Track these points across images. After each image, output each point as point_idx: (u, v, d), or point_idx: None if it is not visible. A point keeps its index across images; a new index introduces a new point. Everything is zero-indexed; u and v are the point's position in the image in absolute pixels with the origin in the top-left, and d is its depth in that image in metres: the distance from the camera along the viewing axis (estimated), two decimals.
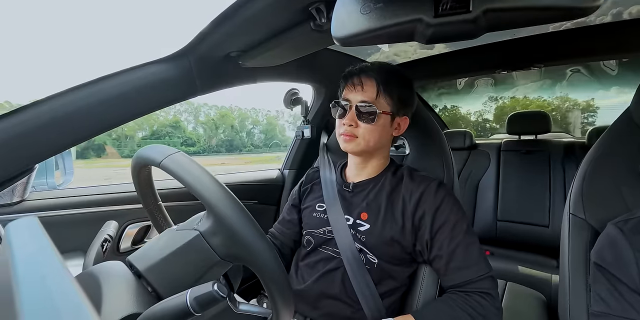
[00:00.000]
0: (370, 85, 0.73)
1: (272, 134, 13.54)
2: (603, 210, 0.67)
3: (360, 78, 0.73)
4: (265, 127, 13.91)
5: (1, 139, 0.60)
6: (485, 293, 0.65)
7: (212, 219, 0.48)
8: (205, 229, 0.49)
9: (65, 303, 0.16)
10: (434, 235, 0.69)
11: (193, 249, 0.48)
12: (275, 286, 0.46)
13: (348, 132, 0.73)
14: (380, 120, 0.73)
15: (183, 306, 0.38)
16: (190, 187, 0.45)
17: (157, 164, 0.48)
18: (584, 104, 3.55)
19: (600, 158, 0.71)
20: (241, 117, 14.00)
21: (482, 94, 3.10)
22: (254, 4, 0.61)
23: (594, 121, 3.58)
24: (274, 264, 0.45)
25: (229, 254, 0.48)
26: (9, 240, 0.23)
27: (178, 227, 0.53)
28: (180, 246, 0.48)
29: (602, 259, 0.61)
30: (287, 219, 0.91)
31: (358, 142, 0.74)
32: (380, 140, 0.75)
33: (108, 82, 0.69)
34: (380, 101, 0.72)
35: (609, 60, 1.92)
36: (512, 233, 1.75)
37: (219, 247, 0.48)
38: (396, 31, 0.45)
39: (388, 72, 0.74)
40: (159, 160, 0.48)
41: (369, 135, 0.73)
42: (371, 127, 0.72)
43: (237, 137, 13.15)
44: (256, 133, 13.68)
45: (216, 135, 12.56)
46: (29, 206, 0.84)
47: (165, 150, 0.49)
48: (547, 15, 0.39)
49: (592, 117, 3.57)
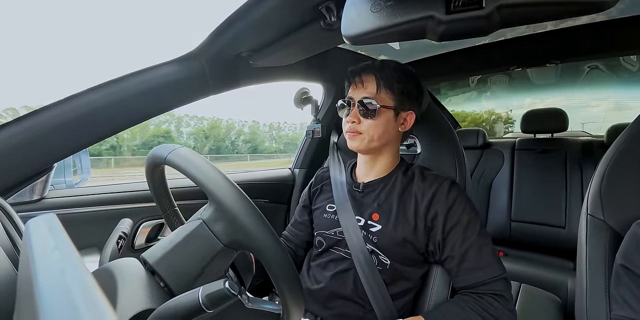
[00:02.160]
0: (370, 82, 0.73)
1: (256, 143, 14.08)
2: (623, 211, 0.65)
3: (361, 76, 0.74)
4: (249, 137, 14.47)
5: (22, 139, 0.63)
6: (498, 295, 0.64)
7: (214, 206, 0.49)
8: (208, 217, 0.49)
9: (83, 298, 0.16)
10: (446, 236, 0.68)
11: (197, 238, 0.49)
12: (281, 273, 0.45)
13: (352, 129, 0.74)
14: (383, 114, 0.72)
15: (195, 303, 0.38)
16: (192, 177, 0.45)
17: (163, 159, 0.49)
18: (504, 115, 4.21)
19: (620, 156, 0.69)
20: (227, 127, 14.60)
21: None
22: (265, 3, 0.61)
23: (513, 130, 4.25)
24: (277, 249, 0.44)
25: (231, 241, 0.48)
26: (29, 236, 0.24)
27: (187, 222, 0.54)
28: (185, 236, 0.49)
29: (629, 260, 0.58)
30: (299, 220, 0.92)
31: (362, 138, 0.74)
32: (385, 136, 0.75)
33: (123, 83, 0.71)
34: (381, 96, 0.72)
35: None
36: (526, 234, 1.71)
37: (222, 234, 0.48)
38: (407, 29, 0.44)
39: (389, 67, 0.74)
40: (164, 156, 0.49)
41: (373, 131, 0.73)
42: (374, 122, 0.72)
43: (223, 145, 13.62)
44: (240, 143, 14.28)
45: (207, 144, 13.04)
46: (48, 204, 0.87)
47: (170, 146, 0.50)
48: (563, 9, 0.38)
49: (510, 126, 4.39)
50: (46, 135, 0.64)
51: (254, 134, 15.00)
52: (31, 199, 0.83)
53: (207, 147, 14.27)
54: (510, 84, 2.34)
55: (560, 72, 2.00)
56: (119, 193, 1.00)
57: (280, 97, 3.49)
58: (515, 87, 2.45)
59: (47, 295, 0.16)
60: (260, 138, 14.85)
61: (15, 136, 0.62)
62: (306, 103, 1.33)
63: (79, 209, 0.92)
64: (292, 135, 28.73)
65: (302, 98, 1.33)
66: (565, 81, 2.24)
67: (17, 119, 0.63)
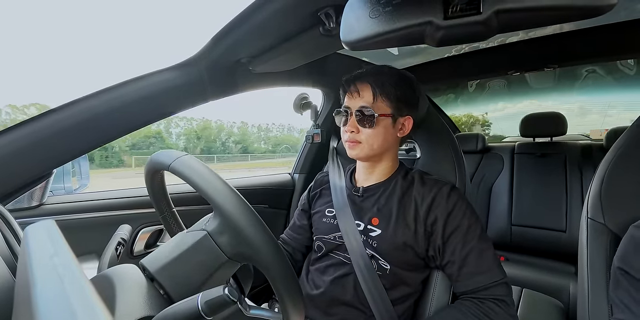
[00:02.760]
0: (366, 91, 0.73)
1: (246, 144, 14.23)
2: (623, 214, 0.65)
3: (356, 84, 0.74)
4: (240, 138, 14.61)
5: (21, 145, 0.63)
6: (499, 300, 0.64)
7: (219, 218, 0.48)
8: (213, 229, 0.49)
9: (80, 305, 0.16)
10: (446, 241, 0.68)
11: (201, 249, 0.48)
12: (284, 286, 0.45)
13: (351, 138, 0.74)
14: (381, 123, 0.72)
15: (194, 310, 0.38)
16: (197, 188, 0.45)
17: (166, 166, 0.49)
18: (480, 117, 4.44)
19: (620, 159, 0.69)
20: (218, 128, 14.74)
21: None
22: (264, 10, 0.62)
23: (489, 132, 4.59)
24: (281, 263, 0.44)
25: (236, 253, 0.48)
26: (27, 242, 0.24)
27: (188, 230, 0.54)
28: (189, 246, 0.48)
29: (626, 263, 0.58)
30: (298, 224, 0.91)
31: (362, 147, 0.74)
32: (385, 144, 0.75)
33: (122, 89, 0.71)
34: (378, 104, 0.72)
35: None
36: (527, 238, 1.70)
37: (226, 246, 0.48)
38: (406, 34, 0.45)
39: (383, 74, 0.74)
40: (168, 164, 0.48)
41: (372, 140, 0.73)
42: (373, 131, 0.72)
43: (214, 146, 13.70)
44: (230, 144, 14.40)
45: (199, 144, 13.12)
46: (47, 210, 0.86)
47: (174, 153, 0.50)
48: (560, 15, 0.38)
49: (487, 129, 4.61)
50: (45, 141, 0.64)
51: (243, 135, 15.04)
52: (30, 205, 0.82)
53: (199, 148, 14.36)
54: (493, 89, 2.37)
55: (531, 78, 2.02)
56: (118, 199, 1.00)
57: (268, 97, 3.47)
58: (493, 92, 2.50)
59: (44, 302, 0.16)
60: (250, 139, 14.93)
61: (14, 142, 0.62)
62: (306, 108, 1.34)
63: (77, 215, 0.91)
64: (281, 136, 28.84)
65: (302, 103, 1.33)
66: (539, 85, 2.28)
67: (16, 125, 0.63)
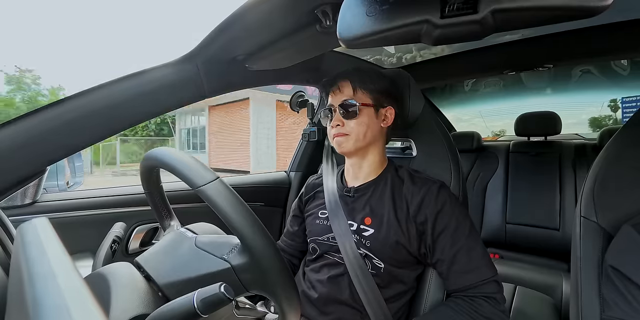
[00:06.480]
0: (347, 86, 0.77)
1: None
2: (616, 213, 0.66)
3: (337, 83, 0.78)
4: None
5: (14, 141, 0.62)
6: (490, 297, 0.65)
7: (249, 258, 0.47)
8: (238, 264, 0.48)
9: (75, 303, 0.16)
10: (435, 239, 0.69)
11: (221, 279, 0.46)
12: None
13: (338, 132, 0.76)
14: (364, 112, 0.75)
15: (190, 307, 0.38)
16: (229, 222, 0.45)
17: (195, 186, 0.46)
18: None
19: (613, 159, 0.70)
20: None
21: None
22: (261, 7, 0.61)
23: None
24: (296, 298, 0.48)
25: (256, 288, 0.49)
26: (20, 240, 0.23)
27: (199, 245, 0.53)
28: (208, 273, 0.48)
29: (618, 261, 0.59)
30: (291, 231, 0.93)
31: (349, 139, 0.75)
32: (370, 134, 0.76)
33: (118, 85, 0.71)
34: (358, 96, 0.76)
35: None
36: (521, 236, 1.72)
37: (249, 283, 0.48)
38: (402, 33, 0.45)
39: (362, 71, 0.78)
40: (199, 185, 0.45)
41: (358, 129, 0.75)
42: (357, 121, 0.75)
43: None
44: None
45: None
46: (40, 207, 0.85)
47: (205, 174, 0.46)
48: (555, 15, 0.39)
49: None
50: (38, 138, 0.63)
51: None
52: (23, 203, 0.81)
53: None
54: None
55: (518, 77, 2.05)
56: (113, 197, 0.99)
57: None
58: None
59: (38, 300, 0.16)
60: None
61: (7, 138, 0.61)
62: (302, 106, 1.34)
63: (71, 212, 0.91)
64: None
65: (299, 101, 1.33)
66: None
67: (9, 121, 0.62)
